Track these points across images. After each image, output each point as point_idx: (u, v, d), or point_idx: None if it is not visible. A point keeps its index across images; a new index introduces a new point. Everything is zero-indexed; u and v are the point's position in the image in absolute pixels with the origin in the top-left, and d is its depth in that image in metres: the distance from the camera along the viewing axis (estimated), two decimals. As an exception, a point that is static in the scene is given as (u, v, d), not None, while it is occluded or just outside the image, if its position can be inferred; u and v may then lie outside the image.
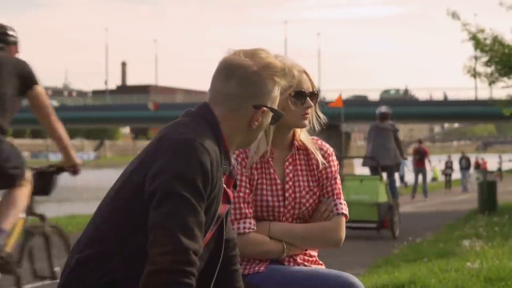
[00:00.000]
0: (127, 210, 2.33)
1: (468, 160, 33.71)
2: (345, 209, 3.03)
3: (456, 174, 35.70)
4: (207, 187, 2.28)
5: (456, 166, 34.35)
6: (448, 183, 33.11)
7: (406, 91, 69.86)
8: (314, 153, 3.04)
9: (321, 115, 3.07)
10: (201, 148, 2.29)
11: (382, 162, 12.74)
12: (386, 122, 13.27)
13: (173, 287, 2.18)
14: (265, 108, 2.45)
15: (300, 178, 3.02)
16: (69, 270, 2.39)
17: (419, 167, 23.68)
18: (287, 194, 2.98)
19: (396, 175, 14.22)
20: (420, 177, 23.89)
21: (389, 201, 12.27)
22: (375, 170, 12.79)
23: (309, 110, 2.98)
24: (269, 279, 2.87)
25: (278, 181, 2.98)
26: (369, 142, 13.14)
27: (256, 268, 2.91)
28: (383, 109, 13.58)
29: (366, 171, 12.86)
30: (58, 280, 2.48)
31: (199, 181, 2.26)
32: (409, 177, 28.07)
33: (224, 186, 2.43)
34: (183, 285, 2.19)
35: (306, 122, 2.99)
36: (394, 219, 12.26)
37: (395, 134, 13.23)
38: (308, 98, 2.97)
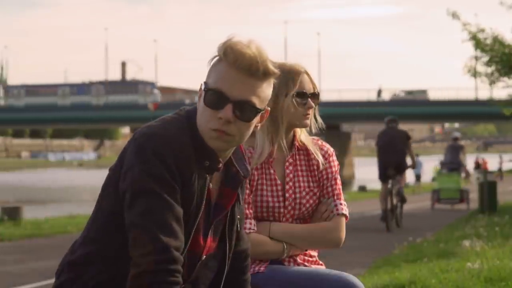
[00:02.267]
0: (109, 209, 2.32)
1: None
2: (345, 210, 3.02)
3: None
4: (176, 178, 2.23)
5: None
6: None
7: (379, 91, 69.60)
8: (314, 153, 3.03)
9: (319, 119, 3.06)
10: (161, 140, 2.25)
11: (455, 166, 20.50)
12: (457, 142, 21.22)
13: (160, 287, 2.16)
14: (202, 86, 2.34)
15: (301, 178, 3.02)
16: (61, 272, 2.39)
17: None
18: (287, 195, 2.98)
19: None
20: None
21: (463, 187, 20.69)
22: (451, 170, 20.48)
23: (310, 111, 2.98)
24: (269, 279, 2.87)
25: (279, 182, 2.98)
26: (447, 154, 20.91)
27: (256, 268, 2.91)
28: (457, 134, 21.88)
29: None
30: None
31: (165, 174, 2.22)
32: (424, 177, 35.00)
33: (211, 185, 2.37)
34: (169, 283, 2.17)
35: (308, 121, 2.99)
36: (468, 197, 20.14)
37: (462, 149, 20.77)
38: (309, 98, 2.97)
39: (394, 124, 14.10)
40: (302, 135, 3.05)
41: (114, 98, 75.15)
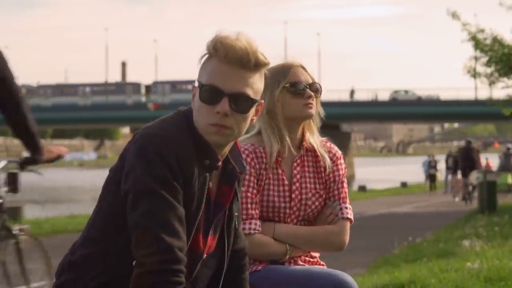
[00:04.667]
0: (110, 209, 2.32)
1: (455, 159, 30.46)
2: (350, 214, 3.01)
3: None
4: (178, 178, 2.24)
5: (441, 165, 32.73)
6: (433, 184, 31.63)
7: (352, 91, 69.22)
8: (321, 155, 3.01)
9: (321, 110, 3.04)
10: (162, 140, 2.25)
11: (508, 168, 28.84)
12: (509, 151, 29.31)
13: (164, 287, 2.17)
14: (196, 84, 2.35)
15: (307, 179, 3.01)
16: (61, 272, 2.39)
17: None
18: (293, 195, 2.97)
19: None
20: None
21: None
22: (504, 170, 28.70)
23: (312, 100, 2.96)
24: (265, 278, 2.87)
25: (286, 182, 2.96)
26: (501, 160, 29.93)
27: (254, 268, 2.91)
28: (510, 146, 29.92)
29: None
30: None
31: (167, 174, 2.22)
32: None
33: (211, 184, 2.37)
34: (173, 283, 2.18)
35: (311, 111, 2.95)
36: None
37: None
38: (307, 88, 2.95)
39: (469, 143, 24.15)
40: (311, 136, 3.02)
41: None
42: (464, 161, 23.54)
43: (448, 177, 31.22)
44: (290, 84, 2.94)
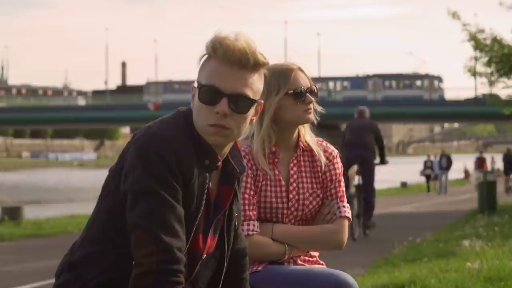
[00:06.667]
0: (109, 209, 2.32)
1: (449, 159, 31.08)
2: (348, 212, 3.01)
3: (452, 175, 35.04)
4: (177, 178, 2.24)
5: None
6: (428, 185, 31.42)
7: (329, 91, 68.40)
8: (318, 154, 3.02)
9: (318, 108, 3.02)
10: (162, 140, 2.25)
11: None
12: None
13: (163, 287, 2.17)
14: (195, 85, 2.35)
15: (304, 179, 3.01)
16: (61, 273, 2.39)
17: (481, 168, 30.23)
18: (290, 196, 2.97)
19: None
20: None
21: None
22: None
23: (311, 105, 2.97)
24: (265, 279, 2.87)
25: (283, 183, 2.97)
26: None
27: (254, 268, 2.91)
28: None
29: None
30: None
31: (167, 174, 2.22)
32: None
33: (210, 184, 2.37)
34: (172, 283, 2.18)
35: (311, 116, 2.97)
36: None
37: None
38: (307, 93, 2.96)
39: (509, 150, 30.24)
40: (306, 136, 3.04)
41: (391, 92, 67.23)
42: (507, 163, 30.70)
43: (442, 177, 31.01)
44: (292, 91, 2.94)
